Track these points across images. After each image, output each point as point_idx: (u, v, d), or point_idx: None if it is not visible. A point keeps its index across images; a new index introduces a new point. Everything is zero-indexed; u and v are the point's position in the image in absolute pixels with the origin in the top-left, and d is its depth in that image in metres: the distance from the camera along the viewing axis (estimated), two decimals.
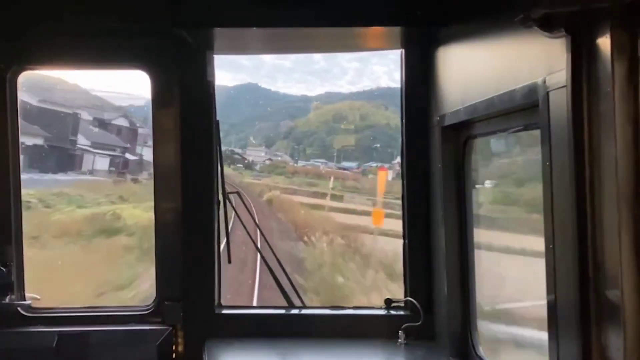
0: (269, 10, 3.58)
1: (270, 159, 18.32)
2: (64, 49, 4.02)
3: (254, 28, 3.68)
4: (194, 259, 4.07)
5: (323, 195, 16.52)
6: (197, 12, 3.62)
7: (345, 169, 17.08)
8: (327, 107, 17.80)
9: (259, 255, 4.43)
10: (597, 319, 2.00)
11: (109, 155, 13.35)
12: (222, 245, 4.19)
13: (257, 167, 18.07)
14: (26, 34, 3.93)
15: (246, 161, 17.73)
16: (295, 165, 18.05)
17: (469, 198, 3.56)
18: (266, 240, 4.42)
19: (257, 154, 18.11)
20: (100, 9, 3.82)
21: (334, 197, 16.22)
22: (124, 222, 10.89)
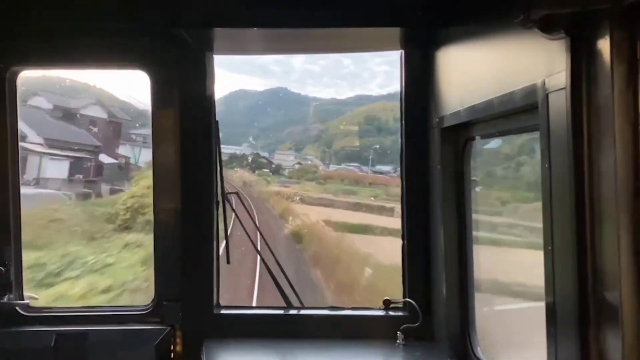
0: (269, 11, 3.59)
1: (299, 163, 16.57)
2: (64, 48, 4.02)
3: (254, 28, 3.68)
4: (192, 259, 4.07)
5: (366, 209, 13.30)
6: (196, 12, 3.62)
7: (381, 172, 14.91)
8: (358, 109, 17.25)
9: (258, 255, 4.42)
10: (596, 320, 2.01)
11: (70, 157, 9.48)
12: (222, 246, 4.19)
13: (286, 172, 16.28)
14: (25, 33, 3.93)
15: (273, 165, 15.93)
16: (327, 169, 16.02)
17: (468, 199, 3.56)
18: (265, 241, 4.42)
19: (286, 158, 16.64)
20: (100, 9, 3.81)
21: (381, 211, 12.61)
22: None
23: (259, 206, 13.06)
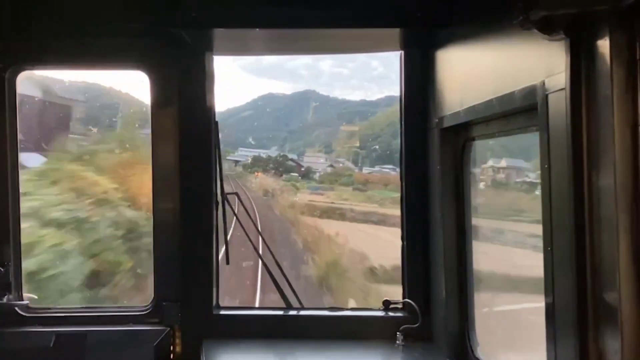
0: (269, 11, 3.59)
1: (331, 166, 14.53)
2: (63, 48, 4.02)
3: (254, 29, 3.69)
4: (192, 259, 4.07)
5: None
6: (196, 12, 3.62)
7: None
8: (390, 109, 16.84)
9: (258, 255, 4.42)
10: (595, 321, 2.01)
11: None
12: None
13: (316, 176, 14.29)
14: (25, 33, 3.93)
15: (302, 168, 13.96)
16: (361, 172, 13.74)
17: (467, 200, 3.56)
18: (264, 241, 4.42)
19: (315, 161, 14.88)
20: (100, 9, 3.82)
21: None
22: None
23: (283, 234, 10.16)
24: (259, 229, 4.58)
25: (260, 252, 4.35)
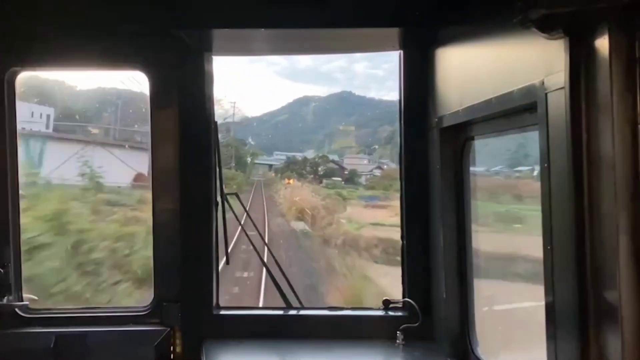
0: (268, 12, 3.59)
1: (379, 167, 12.73)
2: (62, 49, 4.02)
3: (253, 29, 3.68)
4: (192, 260, 4.06)
5: None
6: (195, 13, 3.62)
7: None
8: None
9: (258, 255, 4.42)
10: (595, 320, 2.01)
11: None
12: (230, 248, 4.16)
13: (362, 180, 12.56)
14: (24, 34, 3.92)
15: (346, 172, 12.20)
16: None
17: (467, 199, 3.56)
18: (264, 241, 4.42)
19: (358, 162, 13.35)
20: (99, 10, 3.81)
21: None
22: None
23: None
24: (257, 228, 4.56)
25: (260, 252, 4.35)
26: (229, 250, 4.19)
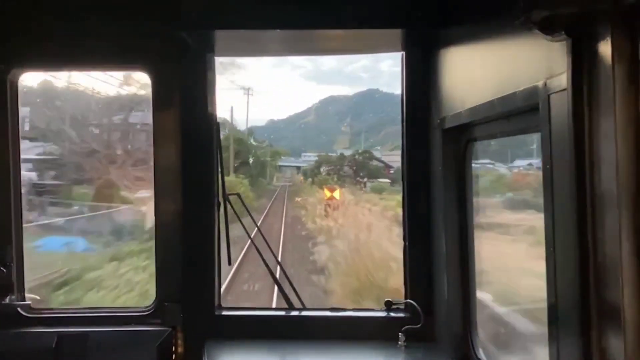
0: (269, 13, 3.60)
1: None
2: (65, 50, 4.03)
3: (255, 30, 3.69)
4: (194, 260, 4.07)
5: None
6: (197, 14, 3.63)
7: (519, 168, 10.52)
8: None
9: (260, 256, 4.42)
10: (598, 321, 2.00)
11: None
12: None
13: None
14: (27, 35, 3.93)
15: (391, 171, 10.66)
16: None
17: (469, 200, 3.56)
18: (266, 242, 4.42)
19: (397, 159, 12.61)
20: (101, 11, 3.82)
21: None
22: None
23: None
24: (259, 229, 4.56)
25: (261, 252, 4.36)
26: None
